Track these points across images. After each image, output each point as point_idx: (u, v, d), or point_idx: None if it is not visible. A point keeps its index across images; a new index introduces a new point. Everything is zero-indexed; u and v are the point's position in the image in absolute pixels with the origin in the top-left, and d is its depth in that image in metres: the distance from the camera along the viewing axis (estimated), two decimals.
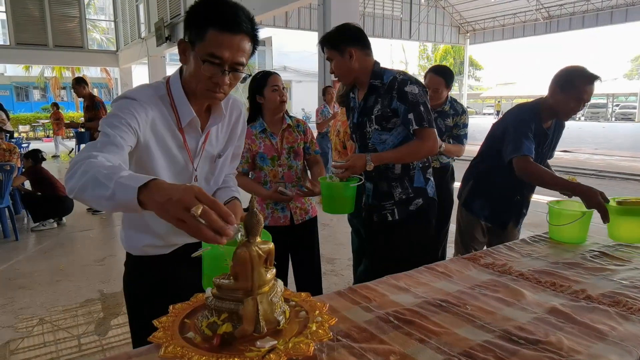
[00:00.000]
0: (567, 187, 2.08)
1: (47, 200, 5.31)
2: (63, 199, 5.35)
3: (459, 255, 1.80)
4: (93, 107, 6.45)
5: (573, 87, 2.15)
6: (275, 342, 0.88)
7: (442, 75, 3.06)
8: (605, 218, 1.89)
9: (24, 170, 5.58)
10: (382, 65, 2.09)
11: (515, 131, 2.23)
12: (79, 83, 6.43)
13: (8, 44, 15.42)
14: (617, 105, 35.72)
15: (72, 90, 6.69)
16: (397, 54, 41.27)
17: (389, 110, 1.98)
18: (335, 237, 4.88)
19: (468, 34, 27.18)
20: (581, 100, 2.18)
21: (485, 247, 2.52)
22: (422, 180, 2.10)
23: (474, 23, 26.62)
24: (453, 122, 3.14)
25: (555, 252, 1.84)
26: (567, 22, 23.24)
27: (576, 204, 2.05)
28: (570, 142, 14.96)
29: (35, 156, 5.53)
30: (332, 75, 2.12)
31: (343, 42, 2.00)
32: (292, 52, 32.37)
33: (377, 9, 22.61)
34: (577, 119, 34.42)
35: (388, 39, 24.72)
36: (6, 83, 32.04)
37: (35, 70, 27.75)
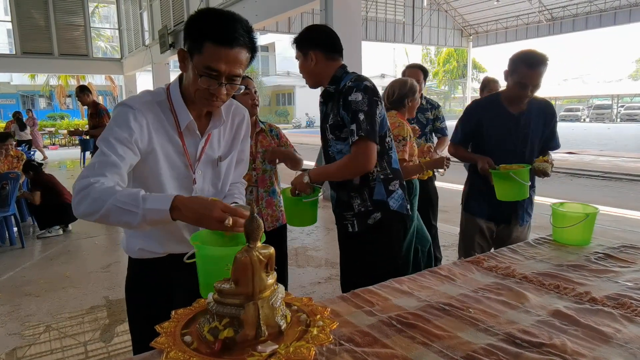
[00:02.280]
0: (471, 159, 2.47)
1: (53, 208, 5.34)
2: (69, 205, 5.39)
3: (462, 259, 1.80)
4: (97, 114, 6.50)
5: (516, 72, 2.20)
6: (277, 346, 0.88)
7: (419, 67, 3.50)
8: (490, 181, 2.30)
9: (30, 183, 5.61)
10: (350, 69, 1.99)
11: (459, 119, 2.59)
12: (83, 91, 6.49)
13: (14, 53, 15.56)
14: (623, 106, 35.55)
15: (77, 99, 6.74)
16: (400, 58, 41.28)
17: (339, 119, 1.87)
18: None
19: (471, 37, 27.15)
20: (524, 85, 2.19)
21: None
22: (383, 193, 1.93)
23: (476, 26, 26.59)
24: (433, 115, 3.53)
25: (559, 255, 1.83)
26: (570, 24, 23.17)
27: (580, 206, 2.04)
28: (575, 144, 14.89)
29: (32, 167, 5.56)
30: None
31: (306, 45, 1.94)
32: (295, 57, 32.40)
33: (379, 13, 22.63)
34: (582, 120, 34.32)
35: (391, 42, 24.73)
36: (12, 92, 32.34)
37: (41, 78, 27.98)
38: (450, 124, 3.04)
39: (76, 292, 3.66)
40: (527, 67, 2.16)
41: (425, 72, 3.52)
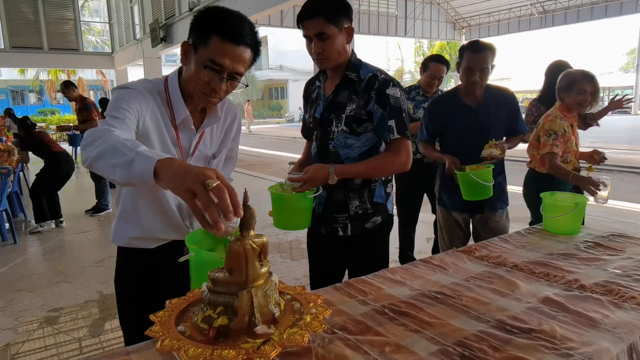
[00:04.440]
0: (439, 158, 2.48)
1: (48, 177, 5.35)
2: (59, 156, 5.40)
3: (455, 249, 1.82)
4: (85, 108, 6.45)
5: (462, 58, 2.33)
6: (273, 331, 0.90)
7: (444, 62, 3.40)
8: (456, 181, 2.31)
9: (21, 142, 5.59)
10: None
11: (422, 118, 2.62)
12: (68, 87, 6.42)
13: (3, 47, 15.36)
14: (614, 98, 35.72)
15: (63, 95, 6.68)
16: (393, 51, 41.28)
17: (364, 112, 1.70)
18: None
19: (463, 30, 27.19)
20: (471, 69, 2.29)
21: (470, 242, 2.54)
22: (382, 195, 1.83)
23: (469, 19, 26.62)
24: None
25: (550, 244, 1.85)
26: (562, 17, 23.27)
27: (570, 196, 2.06)
28: None
29: (25, 124, 5.52)
30: (315, 56, 1.70)
31: (344, 15, 1.66)
32: (288, 51, 32.35)
33: (372, 6, 22.59)
34: None
35: (384, 36, 24.71)
36: (2, 87, 31.97)
37: (31, 73, 27.68)
38: None
39: (70, 287, 3.65)
40: (471, 51, 2.28)
41: (448, 65, 3.42)
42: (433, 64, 3.38)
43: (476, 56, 2.27)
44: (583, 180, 2.36)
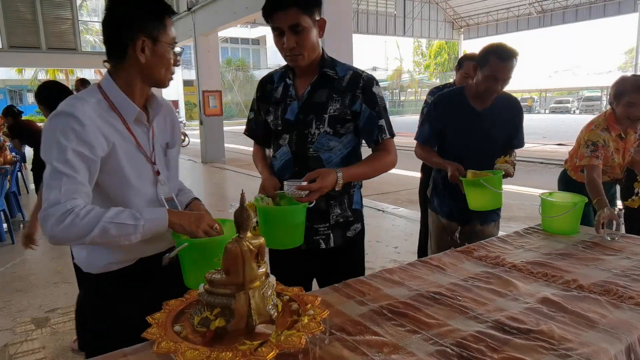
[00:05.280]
0: (439, 165, 2.25)
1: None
2: None
3: (453, 249, 1.81)
4: None
5: (487, 65, 2.09)
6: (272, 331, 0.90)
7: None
8: (461, 188, 2.10)
9: (9, 130, 5.53)
10: None
11: (423, 117, 2.36)
12: (84, 85, 6.34)
13: (0, 47, 15.33)
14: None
15: (76, 92, 6.61)
16: (392, 51, 41.31)
17: (349, 111, 1.59)
18: None
19: (462, 29, 27.22)
20: (495, 79, 2.08)
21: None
22: (359, 201, 1.75)
23: (467, 18, 26.65)
24: None
25: (548, 244, 1.85)
26: (560, 16, 23.31)
27: (568, 196, 2.06)
28: (565, 136, 15.00)
29: (12, 112, 5.49)
30: (287, 52, 1.53)
31: (317, 6, 1.53)
32: None
33: (370, 5, 22.60)
34: (572, 112, 34.60)
35: (382, 35, 24.72)
36: (0, 87, 31.90)
37: (29, 73, 27.63)
38: None
39: (68, 288, 3.64)
40: (500, 59, 2.06)
41: None
42: (467, 63, 3.21)
43: (504, 65, 2.06)
44: (604, 212, 2.02)
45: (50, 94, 3.16)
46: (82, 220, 1.08)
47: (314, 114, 1.60)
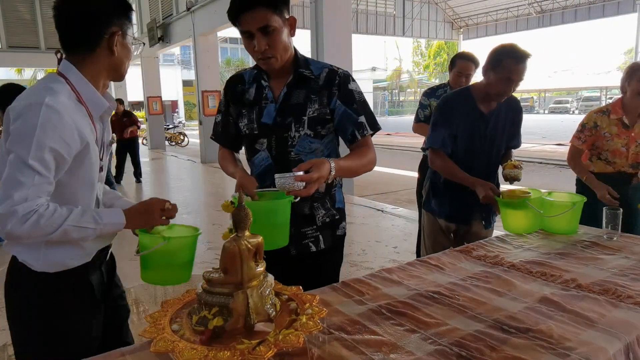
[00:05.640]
0: (466, 182, 2.11)
1: None
2: None
3: (452, 248, 1.81)
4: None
5: (501, 66, 2.03)
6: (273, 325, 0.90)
7: (472, 60, 3.25)
8: (496, 210, 2.06)
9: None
10: None
11: (431, 121, 2.22)
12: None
13: (0, 47, 15.33)
14: (611, 98, 35.87)
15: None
16: (391, 51, 41.35)
17: (328, 111, 1.54)
18: None
19: (461, 30, 27.24)
20: (510, 80, 2.03)
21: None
22: (342, 200, 1.70)
23: (467, 18, 26.67)
24: None
25: (547, 243, 1.85)
26: (559, 16, 23.33)
27: (567, 195, 2.06)
28: (564, 136, 15.00)
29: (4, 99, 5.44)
30: (259, 55, 1.45)
31: (286, 4, 1.45)
32: None
33: (370, 5, 22.61)
34: (571, 112, 34.64)
35: (382, 35, 24.73)
36: None
37: (28, 73, 27.63)
38: None
39: None
40: (515, 61, 2.01)
41: (477, 64, 3.25)
42: (460, 62, 3.30)
43: (518, 67, 2.01)
44: (600, 187, 2.07)
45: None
46: (46, 221, 1.06)
47: (293, 116, 1.54)
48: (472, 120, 2.16)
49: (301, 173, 1.26)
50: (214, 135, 1.73)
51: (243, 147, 1.70)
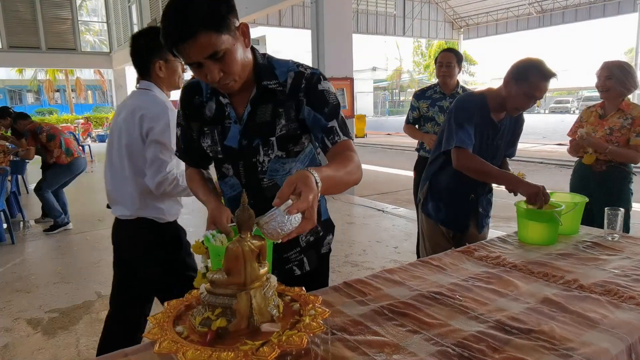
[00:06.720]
0: (506, 181, 2.00)
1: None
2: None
3: (453, 249, 1.81)
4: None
5: (527, 81, 1.97)
6: (278, 328, 0.90)
7: (452, 51, 3.47)
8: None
9: (12, 133, 5.53)
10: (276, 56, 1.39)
11: (454, 121, 2.09)
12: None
13: (0, 47, 15.33)
14: None
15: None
16: (392, 51, 41.30)
17: (297, 124, 1.33)
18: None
19: (462, 30, 27.22)
20: (533, 98, 1.99)
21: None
22: (325, 210, 1.55)
23: (467, 18, 26.66)
24: None
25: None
26: (559, 16, 23.31)
27: (568, 196, 2.06)
28: (564, 136, 15.02)
29: (7, 112, 5.47)
30: (216, 85, 1.23)
31: (231, 13, 1.16)
32: (286, 50, 32.37)
33: (370, 5, 22.58)
34: (572, 111, 34.60)
35: (382, 35, 24.71)
36: None
37: (28, 73, 27.65)
38: None
39: (68, 288, 3.64)
40: (543, 78, 1.95)
41: (459, 56, 3.48)
42: (440, 53, 3.50)
43: (545, 85, 1.97)
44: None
45: None
46: (179, 185, 1.80)
47: (260, 137, 1.33)
48: (483, 128, 2.11)
49: (290, 202, 0.91)
50: (177, 152, 1.55)
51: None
